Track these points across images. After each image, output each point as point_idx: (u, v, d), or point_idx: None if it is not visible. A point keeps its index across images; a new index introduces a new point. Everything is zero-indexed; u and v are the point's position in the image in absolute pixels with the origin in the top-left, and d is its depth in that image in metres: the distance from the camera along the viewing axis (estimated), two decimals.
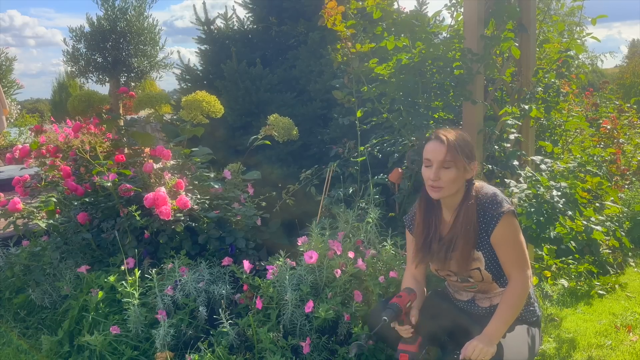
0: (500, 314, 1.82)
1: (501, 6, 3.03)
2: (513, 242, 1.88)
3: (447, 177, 1.86)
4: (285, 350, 2.20)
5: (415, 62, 3.06)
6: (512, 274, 1.89)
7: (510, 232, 1.87)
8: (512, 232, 1.88)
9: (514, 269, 1.88)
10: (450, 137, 1.88)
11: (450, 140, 1.87)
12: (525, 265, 1.90)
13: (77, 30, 10.57)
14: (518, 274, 1.88)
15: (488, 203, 1.89)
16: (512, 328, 1.87)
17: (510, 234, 1.88)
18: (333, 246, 2.46)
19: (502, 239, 1.87)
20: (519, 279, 1.87)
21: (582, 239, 3.35)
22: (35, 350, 2.62)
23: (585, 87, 7.08)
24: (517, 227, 1.90)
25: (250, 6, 5.21)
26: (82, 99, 3.61)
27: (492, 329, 1.78)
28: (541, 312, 2.13)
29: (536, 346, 1.95)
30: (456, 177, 1.87)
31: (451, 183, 1.88)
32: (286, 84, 4.71)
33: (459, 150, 1.86)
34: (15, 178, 3.16)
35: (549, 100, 3.61)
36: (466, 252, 1.90)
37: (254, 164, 4.28)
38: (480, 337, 1.76)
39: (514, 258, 1.89)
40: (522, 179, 3.20)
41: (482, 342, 1.72)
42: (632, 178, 5.14)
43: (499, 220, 1.85)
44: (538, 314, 2.01)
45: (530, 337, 1.91)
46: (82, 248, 3.05)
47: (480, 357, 1.70)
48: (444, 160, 1.85)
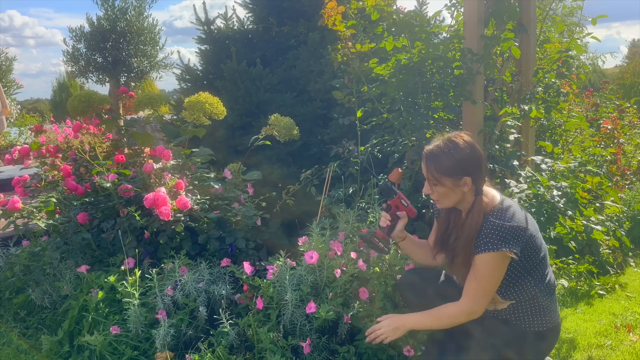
0: (425, 315, 1.95)
1: (501, 6, 3.03)
2: (482, 276, 1.82)
3: (438, 193, 1.90)
4: (285, 351, 2.19)
5: (414, 62, 3.06)
6: (464, 297, 1.88)
7: (488, 268, 1.81)
8: (489, 269, 1.81)
9: (468, 294, 1.87)
10: (432, 156, 1.87)
11: (429, 161, 1.87)
12: (478, 301, 1.85)
13: (77, 30, 10.58)
14: (467, 302, 1.87)
15: (491, 230, 1.79)
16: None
17: (486, 270, 1.81)
18: (334, 246, 2.46)
19: (478, 265, 1.83)
20: (464, 307, 1.87)
21: (582, 239, 3.36)
22: (35, 350, 2.62)
23: (585, 87, 7.08)
24: (496, 268, 1.81)
25: (250, 6, 5.21)
26: (82, 99, 3.61)
27: (411, 319, 1.98)
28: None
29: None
30: (446, 193, 1.88)
31: (444, 198, 1.90)
32: (286, 84, 4.71)
33: (441, 170, 1.85)
34: (15, 178, 3.16)
35: (549, 100, 3.61)
36: (467, 263, 1.88)
37: (254, 164, 4.28)
38: (395, 318, 1.99)
39: (474, 287, 1.85)
40: (522, 179, 3.20)
41: (393, 325, 1.96)
42: (633, 178, 5.14)
43: (485, 252, 1.79)
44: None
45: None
46: (82, 248, 3.04)
47: (383, 337, 1.96)
48: (427, 178, 1.90)
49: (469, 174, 1.85)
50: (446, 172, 1.85)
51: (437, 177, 1.87)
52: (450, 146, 1.86)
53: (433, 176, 1.88)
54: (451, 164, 1.84)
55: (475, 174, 1.86)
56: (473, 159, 1.86)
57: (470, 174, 1.85)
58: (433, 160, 1.87)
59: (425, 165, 1.90)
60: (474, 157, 1.87)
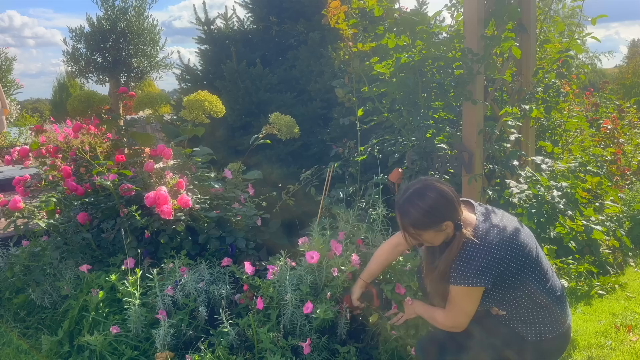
0: (427, 309, 2.08)
1: (501, 6, 3.03)
2: (457, 304, 1.87)
3: (423, 241, 1.88)
4: (285, 351, 2.20)
5: (415, 60, 3.06)
6: (446, 311, 1.93)
7: (459, 297, 1.85)
8: (461, 298, 1.85)
9: (448, 312, 1.92)
10: (406, 214, 1.82)
11: (404, 219, 1.82)
12: (456, 320, 1.90)
13: (77, 30, 10.56)
14: (448, 318, 1.92)
15: (462, 264, 1.80)
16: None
17: (458, 298, 1.85)
18: (334, 247, 2.46)
19: (452, 293, 1.86)
20: (446, 321, 1.94)
21: (582, 239, 3.36)
22: (35, 350, 2.62)
23: (585, 87, 7.09)
24: (468, 298, 1.83)
25: (250, 6, 5.21)
26: (82, 99, 3.61)
27: (419, 306, 2.12)
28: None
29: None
30: (432, 239, 1.85)
31: (430, 243, 1.88)
32: (286, 84, 4.71)
33: (418, 226, 1.81)
34: (16, 178, 3.16)
35: (549, 100, 3.61)
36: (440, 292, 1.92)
37: (254, 164, 4.28)
38: (411, 300, 2.16)
39: (451, 310, 1.90)
40: (522, 179, 3.20)
41: (408, 304, 2.16)
42: (633, 178, 5.14)
43: (456, 285, 1.82)
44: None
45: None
46: (82, 248, 3.04)
47: (399, 315, 2.19)
48: (407, 234, 1.86)
49: (447, 218, 1.80)
50: (425, 226, 1.81)
51: (418, 233, 1.84)
52: (421, 199, 1.81)
53: (411, 233, 1.84)
54: (427, 217, 1.80)
55: (453, 215, 1.82)
56: (447, 203, 1.81)
57: (448, 217, 1.80)
58: (407, 218, 1.82)
59: (401, 223, 1.85)
60: (447, 200, 1.81)
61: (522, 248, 1.83)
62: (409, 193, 1.84)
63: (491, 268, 1.77)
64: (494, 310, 1.93)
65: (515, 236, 1.84)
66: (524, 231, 1.90)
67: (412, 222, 1.81)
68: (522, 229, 1.91)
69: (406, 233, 1.86)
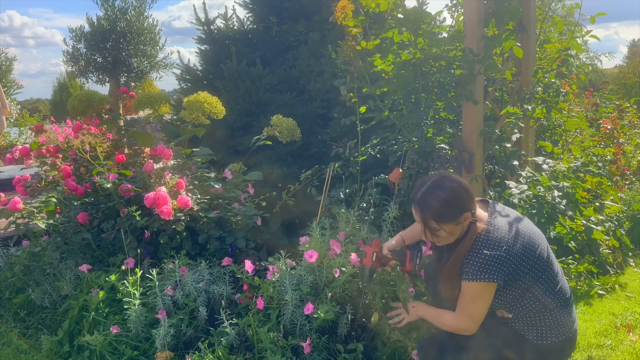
0: (432, 311, 2.05)
1: (502, 6, 3.03)
2: (468, 302, 1.85)
3: (441, 237, 1.85)
4: (285, 351, 2.19)
5: (418, 58, 3.06)
6: (456, 315, 1.90)
7: (471, 294, 1.82)
8: (472, 296, 1.82)
9: (458, 315, 1.89)
10: (426, 208, 1.79)
11: (425, 216, 1.80)
12: (466, 323, 1.87)
13: (77, 31, 10.57)
14: (458, 321, 1.89)
15: (474, 258, 1.79)
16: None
17: (470, 296, 1.83)
18: (333, 246, 2.46)
19: (464, 291, 1.84)
20: (455, 324, 1.90)
21: (582, 239, 3.36)
22: (35, 350, 2.62)
23: (585, 87, 7.09)
24: (480, 295, 1.80)
25: (250, 6, 5.21)
26: (82, 99, 3.61)
27: (423, 308, 2.09)
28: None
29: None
30: (450, 233, 1.82)
31: (447, 239, 1.85)
32: (286, 84, 4.71)
33: (440, 219, 1.79)
34: (16, 178, 3.16)
35: (549, 100, 3.61)
36: (451, 290, 1.90)
37: (254, 164, 4.28)
38: (416, 306, 2.09)
39: (462, 310, 1.87)
40: (522, 179, 3.20)
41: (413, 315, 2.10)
42: (633, 178, 5.14)
43: (468, 281, 1.80)
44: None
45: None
46: (82, 248, 3.05)
47: (402, 316, 2.13)
48: (427, 228, 1.83)
49: (467, 209, 1.80)
50: (446, 219, 1.78)
51: (439, 226, 1.80)
52: (440, 189, 1.80)
53: (432, 228, 1.81)
54: (449, 208, 1.78)
55: (471, 205, 1.81)
56: (466, 192, 1.81)
57: (468, 208, 1.80)
58: (428, 210, 1.79)
59: (422, 217, 1.81)
60: (465, 190, 1.81)
61: (534, 247, 1.82)
62: (426, 186, 1.82)
63: (503, 263, 1.75)
64: (500, 312, 1.92)
65: (528, 235, 1.84)
66: (536, 231, 1.90)
67: (433, 214, 1.79)
68: (534, 229, 1.91)
69: (427, 229, 1.83)
